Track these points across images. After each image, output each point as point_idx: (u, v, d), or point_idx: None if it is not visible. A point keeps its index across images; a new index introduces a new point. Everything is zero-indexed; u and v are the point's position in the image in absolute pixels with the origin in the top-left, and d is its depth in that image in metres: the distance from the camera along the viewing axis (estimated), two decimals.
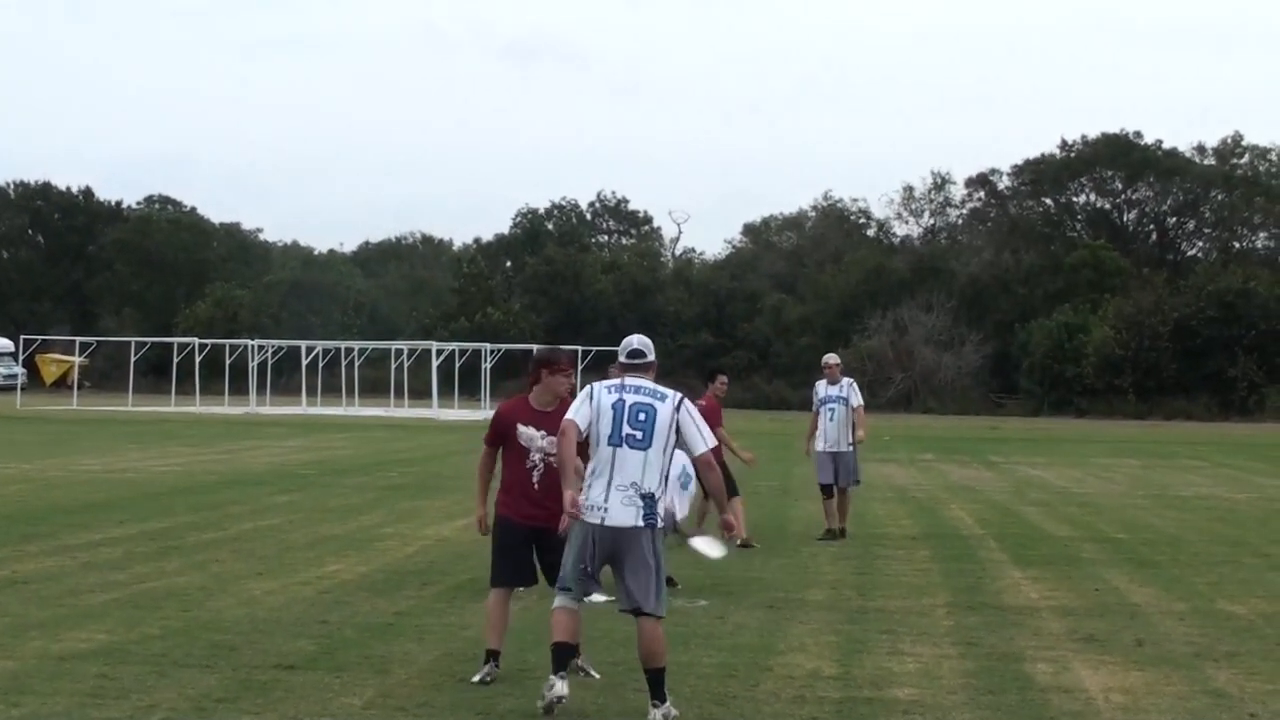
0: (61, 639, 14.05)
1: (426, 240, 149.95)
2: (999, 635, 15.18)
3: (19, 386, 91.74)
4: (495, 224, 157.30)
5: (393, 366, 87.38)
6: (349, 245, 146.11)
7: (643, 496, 11.50)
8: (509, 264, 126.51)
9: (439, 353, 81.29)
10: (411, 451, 45.19)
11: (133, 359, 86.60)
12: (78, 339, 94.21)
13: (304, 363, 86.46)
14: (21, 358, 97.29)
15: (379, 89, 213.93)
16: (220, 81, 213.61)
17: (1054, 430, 70.74)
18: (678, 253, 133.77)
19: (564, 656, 11.66)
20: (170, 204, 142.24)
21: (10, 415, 68.76)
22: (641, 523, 11.48)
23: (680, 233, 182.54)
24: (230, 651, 13.62)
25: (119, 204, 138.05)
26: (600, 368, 64.73)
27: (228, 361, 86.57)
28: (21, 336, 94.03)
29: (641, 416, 11.54)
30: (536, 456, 12.73)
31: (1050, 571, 20.14)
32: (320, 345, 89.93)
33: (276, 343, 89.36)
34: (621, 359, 12.04)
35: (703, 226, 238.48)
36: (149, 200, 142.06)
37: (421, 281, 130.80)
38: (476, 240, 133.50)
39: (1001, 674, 13.25)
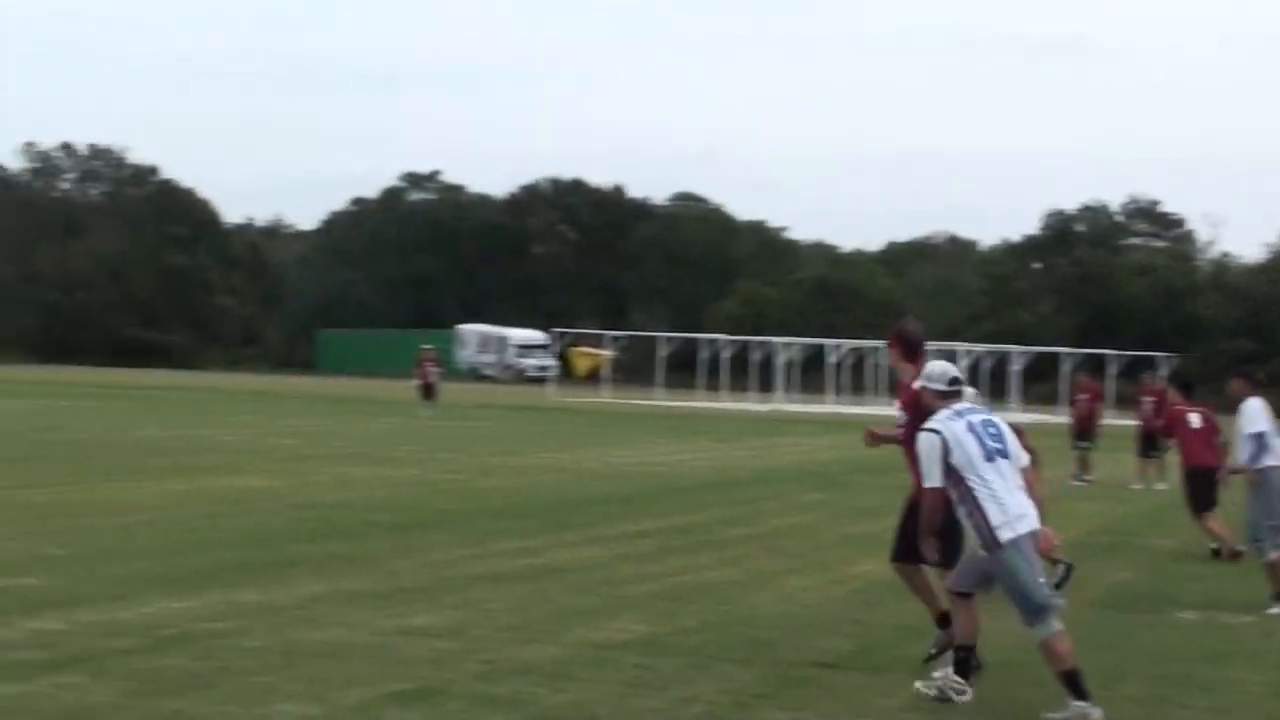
0: (601, 628, 14.17)
1: (953, 240, 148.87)
2: None
3: (551, 379, 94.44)
4: (1023, 225, 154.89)
5: None
6: (875, 244, 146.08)
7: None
8: (1038, 265, 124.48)
9: (966, 354, 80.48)
10: None
11: (661, 354, 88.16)
12: (608, 333, 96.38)
13: (829, 361, 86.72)
14: (554, 350, 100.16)
15: (905, 89, 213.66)
16: (745, 79, 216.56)
17: None
18: (1212, 256, 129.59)
19: (1080, 680, 11.25)
20: (698, 201, 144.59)
21: (542, 406, 70.79)
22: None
23: (1215, 236, 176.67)
24: (767, 647, 13.52)
25: (648, 201, 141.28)
26: (1133, 374, 63.09)
27: (754, 359, 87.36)
28: (554, 330, 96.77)
29: (994, 430, 11.71)
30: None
31: None
32: (846, 344, 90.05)
33: (803, 340, 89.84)
34: (941, 387, 12.10)
35: (1238, 229, 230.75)
36: (677, 197, 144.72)
37: (948, 282, 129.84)
38: (1004, 241, 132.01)
39: None
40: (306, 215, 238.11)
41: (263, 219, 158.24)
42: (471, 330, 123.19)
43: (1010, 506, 11.35)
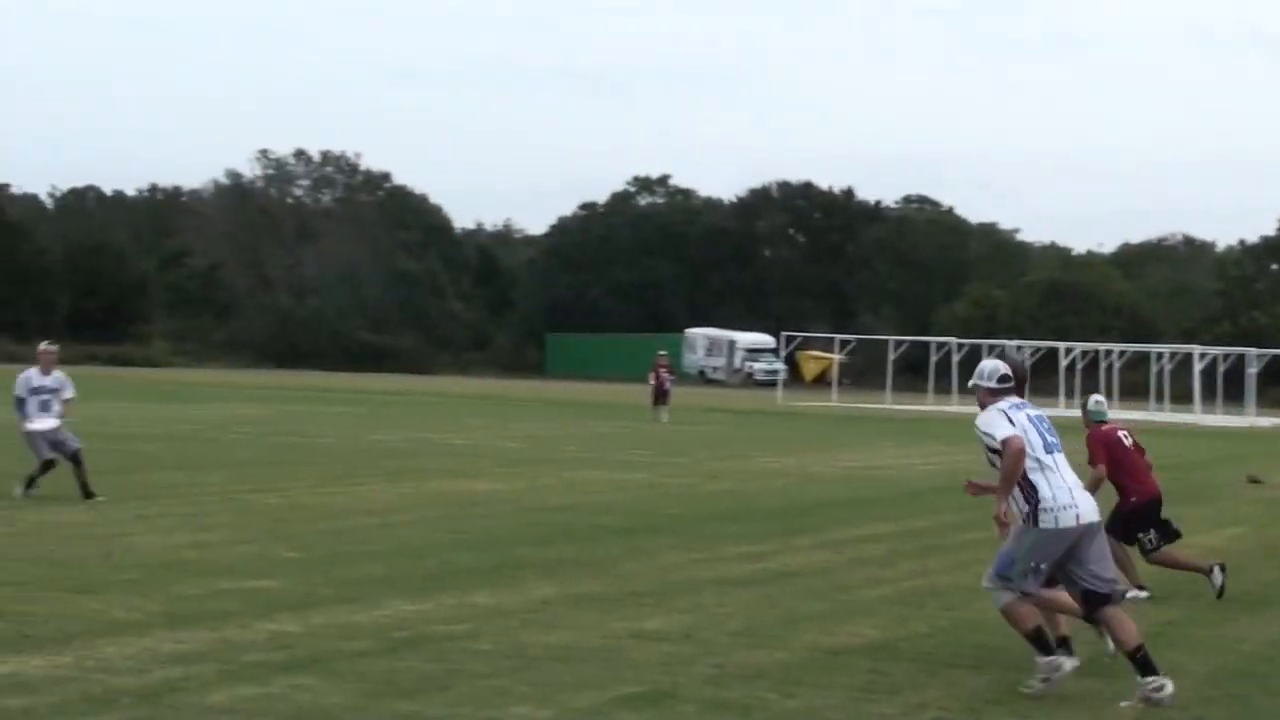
0: (832, 633, 14.08)
1: (1188, 241, 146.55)
2: None
3: (780, 382, 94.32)
4: (1261, 225, 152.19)
5: (1152, 370, 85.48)
6: (1108, 246, 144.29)
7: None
8: (1275, 267, 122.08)
9: (1201, 357, 79.12)
10: (1170, 458, 43.83)
11: (890, 357, 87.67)
12: (837, 336, 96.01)
13: (1061, 364, 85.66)
14: (783, 354, 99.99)
15: (1140, 88, 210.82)
16: (975, 82, 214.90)
17: None
18: None
19: (1046, 637, 11.91)
20: (928, 204, 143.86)
21: (771, 410, 70.70)
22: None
23: None
24: (999, 652, 13.36)
25: (878, 204, 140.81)
26: None
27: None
28: (783, 333, 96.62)
29: (1047, 424, 12.23)
30: None
31: None
32: (1078, 347, 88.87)
33: (1034, 343, 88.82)
34: (991, 384, 12.46)
35: None
36: (907, 200, 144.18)
37: (1183, 284, 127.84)
38: (1241, 242, 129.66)
39: None
40: (536, 220, 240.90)
41: (492, 224, 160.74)
42: (700, 334, 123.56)
43: (1059, 495, 11.81)
